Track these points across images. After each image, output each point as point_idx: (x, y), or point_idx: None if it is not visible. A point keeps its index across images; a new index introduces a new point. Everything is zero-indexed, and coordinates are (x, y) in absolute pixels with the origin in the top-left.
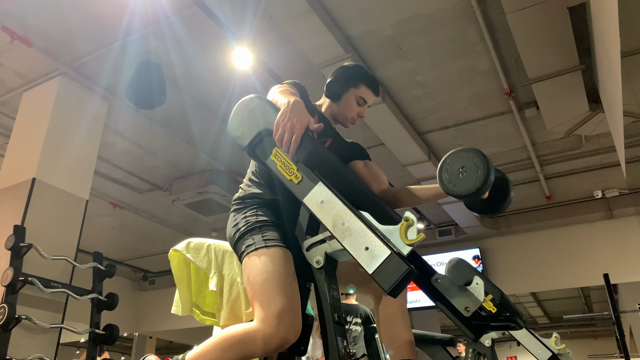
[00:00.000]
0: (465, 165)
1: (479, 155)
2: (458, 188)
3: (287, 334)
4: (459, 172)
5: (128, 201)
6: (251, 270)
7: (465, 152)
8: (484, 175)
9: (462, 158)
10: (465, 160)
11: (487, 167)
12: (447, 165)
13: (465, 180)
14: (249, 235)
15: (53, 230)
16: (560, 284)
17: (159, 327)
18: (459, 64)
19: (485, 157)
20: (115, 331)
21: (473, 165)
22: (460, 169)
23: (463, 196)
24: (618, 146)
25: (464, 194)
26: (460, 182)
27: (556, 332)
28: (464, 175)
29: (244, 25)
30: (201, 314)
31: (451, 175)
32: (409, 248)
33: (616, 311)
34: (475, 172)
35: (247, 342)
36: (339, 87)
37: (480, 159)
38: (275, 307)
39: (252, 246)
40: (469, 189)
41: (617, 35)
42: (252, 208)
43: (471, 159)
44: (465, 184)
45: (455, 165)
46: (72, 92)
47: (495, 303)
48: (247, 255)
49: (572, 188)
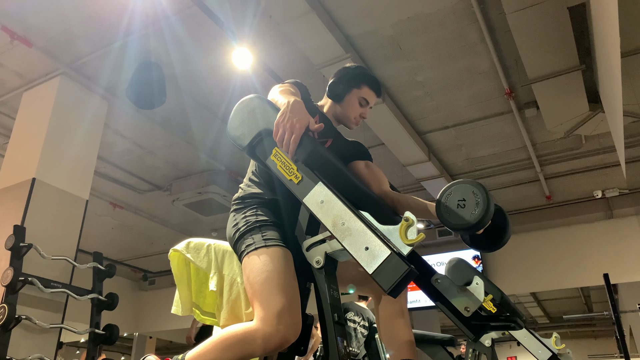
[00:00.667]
0: (466, 199)
1: (482, 192)
2: (452, 220)
3: (287, 333)
4: (457, 203)
5: (128, 201)
6: (251, 269)
7: (470, 186)
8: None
9: (465, 190)
10: (467, 194)
11: (486, 206)
12: (448, 194)
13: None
14: (249, 235)
15: (53, 230)
16: (560, 284)
17: (159, 327)
18: (459, 64)
19: (487, 196)
20: (115, 331)
21: (473, 201)
22: (459, 200)
23: (454, 228)
24: (618, 146)
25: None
26: (455, 215)
27: (556, 332)
28: (462, 208)
29: (244, 25)
30: (201, 314)
31: (449, 205)
32: (409, 248)
33: (616, 311)
34: (473, 208)
35: (247, 342)
36: (341, 87)
37: (482, 196)
38: (275, 306)
39: (252, 246)
40: (462, 223)
41: (617, 35)
42: (252, 208)
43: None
44: (460, 217)
45: (456, 196)
46: (72, 92)
47: (495, 303)
48: (247, 254)
49: (572, 188)
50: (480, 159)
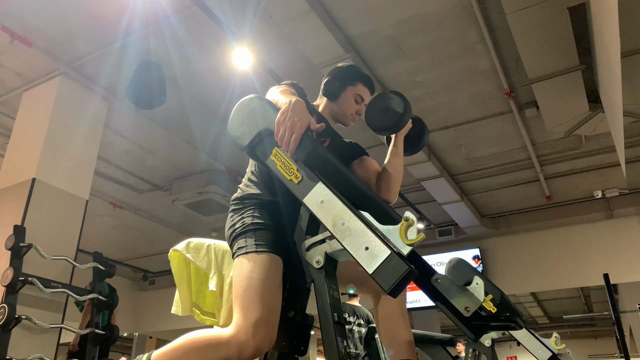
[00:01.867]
0: (389, 105)
1: (402, 99)
2: (377, 122)
3: (261, 343)
4: (381, 109)
5: (128, 201)
6: (238, 273)
7: (389, 94)
8: (397, 116)
9: (386, 99)
10: (388, 101)
11: (404, 108)
12: (373, 102)
13: (384, 116)
14: (243, 237)
15: (53, 230)
16: (560, 284)
17: (159, 327)
18: (459, 64)
19: (405, 101)
20: (115, 331)
21: (394, 104)
22: (383, 108)
23: (378, 129)
24: (618, 146)
25: (380, 128)
26: (380, 118)
27: (556, 332)
28: (386, 112)
29: (244, 25)
30: (201, 314)
31: (375, 111)
32: (409, 248)
33: (616, 311)
34: (396, 109)
35: (219, 348)
36: (336, 86)
37: (402, 103)
38: (253, 316)
39: (243, 249)
40: (383, 124)
41: (617, 35)
42: (249, 209)
43: (393, 99)
44: (384, 119)
45: (380, 104)
46: (72, 92)
47: (495, 303)
48: (237, 257)
49: (572, 188)
50: (480, 159)
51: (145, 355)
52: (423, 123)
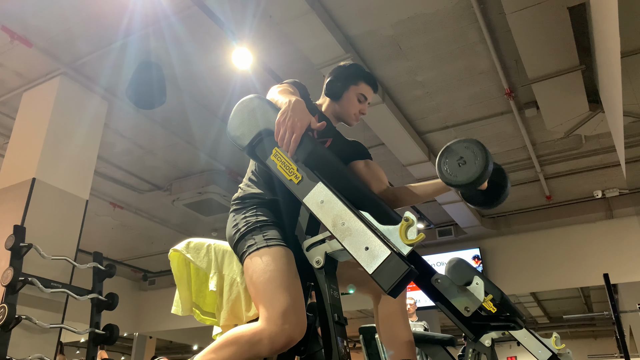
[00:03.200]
0: (464, 156)
1: (477, 144)
2: (459, 178)
3: (293, 332)
4: (458, 162)
5: (128, 201)
6: (254, 270)
7: (463, 143)
8: (483, 163)
9: (461, 149)
10: (463, 151)
11: (486, 156)
12: (446, 157)
13: (465, 169)
14: (250, 236)
15: (53, 230)
16: (560, 284)
17: (159, 327)
18: (459, 64)
19: (483, 146)
20: (115, 331)
21: (471, 155)
22: (459, 159)
23: (464, 185)
24: (618, 146)
25: (465, 183)
26: (460, 172)
27: (556, 332)
28: (463, 165)
29: (244, 25)
30: (201, 314)
31: (451, 166)
32: (409, 248)
33: (616, 311)
34: (475, 161)
35: (253, 342)
36: (339, 85)
37: (478, 148)
38: (279, 306)
39: (254, 246)
40: (470, 177)
41: (617, 35)
42: (251, 208)
43: (469, 149)
44: (466, 173)
45: (454, 156)
46: (72, 92)
47: (495, 303)
48: (248, 255)
49: (572, 188)
50: None
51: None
52: (504, 174)
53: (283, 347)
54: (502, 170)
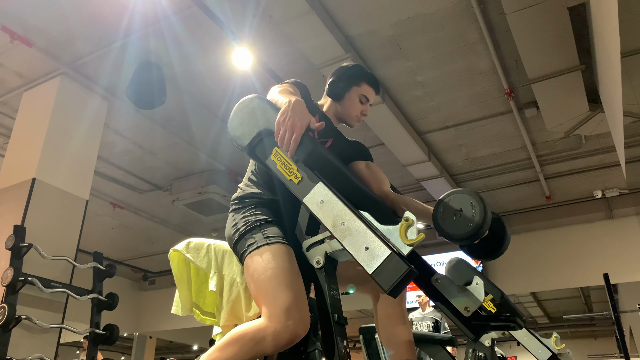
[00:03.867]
0: (463, 209)
1: (478, 201)
2: (449, 229)
3: (296, 328)
4: (454, 213)
5: (128, 201)
6: (255, 268)
7: (466, 196)
8: (477, 224)
9: (462, 200)
10: (463, 203)
11: (483, 216)
12: (446, 203)
13: (458, 223)
14: (250, 235)
15: (53, 230)
16: (560, 284)
17: (159, 327)
18: (459, 64)
19: (484, 205)
20: (115, 331)
21: (470, 211)
22: (456, 210)
23: (450, 238)
24: (618, 146)
25: (452, 237)
26: (452, 224)
27: (556, 332)
28: (458, 218)
29: (244, 25)
30: (201, 314)
31: (446, 214)
32: (409, 248)
33: (616, 311)
34: (470, 219)
35: (257, 340)
36: (341, 86)
37: (478, 206)
38: (282, 302)
39: (254, 245)
40: (458, 233)
41: (617, 35)
42: (251, 208)
43: (470, 203)
44: (457, 227)
45: (453, 205)
46: (72, 92)
47: (495, 303)
48: (249, 254)
49: (572, 188)
50: (480, 159)
51: None
52: (503, 226)
53: (287, 344)
54: (501, 220)
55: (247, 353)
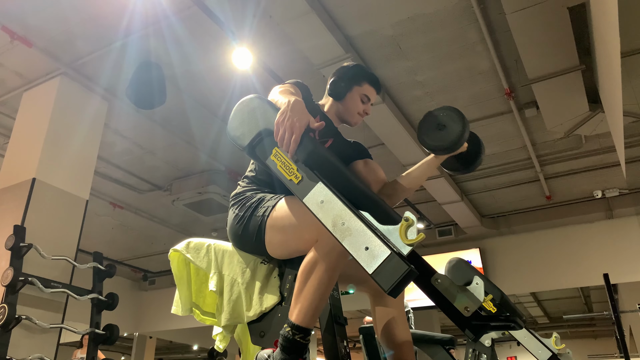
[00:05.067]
0: (443, 122)
1: (455, 111)
2: (431, 141)
3: None
4: (437, 126)
5: (128, 201)
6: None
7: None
8: (461, 127)
9: (439, 116)
10: (441, 118)
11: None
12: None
13: (445, 134)
14: (256, 210)
15: (53, 230)
16: (560, 284)
17: (159, 327)
18: (459, 64)
19: (463, 118)
20: (115, 331)
21: (450, 120)
22: (438, 125)
23: (434, 149)
24: (618, 146)
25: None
26: (435, 136)
27: (556, 332)
28: (444, 130)
29: (244, 25)
30: (201, 314)
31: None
32: (409, 248)
33: (616, 311)
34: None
35: (324, 254)
36: (342, 86)
37: (455, 113)
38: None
39: (268, 209)
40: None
41: (617, 35)
42: (249, 196)
43: (447, 115)
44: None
45: (434, 122)
46: (72, 92)
47: (495, 303)
48: (267, 218)
49: (572, 188)
50: None
51: (285, 325)
52: (479, 140)
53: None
54: (477, 137)
55: (325, 270)
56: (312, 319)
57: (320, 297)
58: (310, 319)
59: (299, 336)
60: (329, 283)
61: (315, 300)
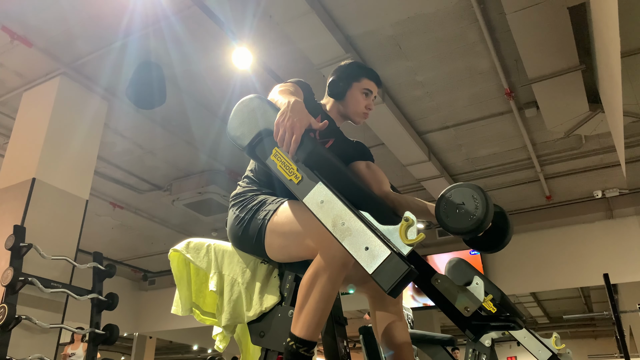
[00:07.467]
0: (466, 202)
1: (481, 195)
2: (451, 223)
3: None
4: (457, 207)
5: (128, 201)
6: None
7: (469, 189)
8: (480, 218)
9: (465, 194)
10: (466, 197)
11: (485, 211)
12: (447, 197)
13: (460, 217)
14: (257, 214)
15: (53, 230)
16: (560, 284)
17: (159, 327)
18: (459, 64)
19: (487, 199)
20: (115, 331)
21: (472, 205)
22: (459, 204)
23: (457, 232)
24: (618, 146)
25: (455, 231)
26: (455, 218)
27: (556, 332)
28: (461, 212)
29: (244, 25)
30: (201, 314)
31: (449, 208)
32: (409, 248)
33: (616, 311)
34: (472, 212)
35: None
36: (341, 85)
37: (481, 200)
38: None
39: (268, 214)
40: (461, 227)
41: (617, 35)
42: (250, 198)
43: (473, 197)
44: (460, 221)
45: (456, 199)
46: (72, 92)
47: (495, 303)
48: (268, 222)
49: (572, 188)
50: (480, 159)
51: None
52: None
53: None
54: (504, 212)
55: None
56: (316, 332)
57: (323, 310)
58: (313, 332)
59: (303, 349)
60: (331, 295)
61: (318, 313)
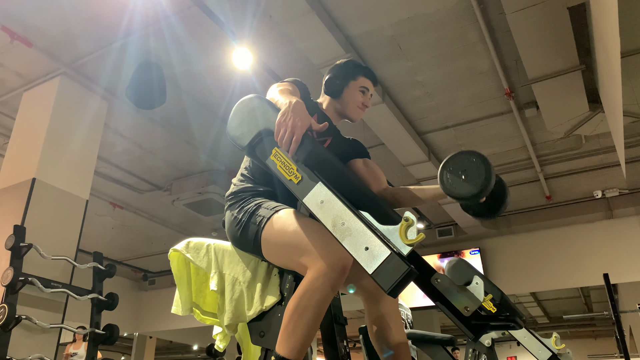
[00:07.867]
0: (467, 168)
1: (482, 159)
2: (459, 190)
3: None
4: (460, 174)
5: (128, 201)
6: (274, 235)
7: (468, 155)
8: (485, 179)
9: (465, 161)
10: (467, 163)
11: (489, 172)
12: (449, 167)
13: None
14: (254, 217)
15: (53, 230)
16: (560, 284)
17: (159, 327)
18: (459, 64)
19: (488, 161)
20: (115, 331)
21: (475, 169)
22: (462, 171)
23: (463, 198)
24: (618, 146)
25: (464, 197)
26: (461, 185)
27: (556, 332)
28: (466, 177)
29: (244, 25)
30: (201, 314)
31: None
32: (409, 248)
33: (616, 311)
34: (477, 176)
35: (315, 288)
36: (338, 83)
37: (482, 162)
38: (318, 243)
39: (264, 220)
40: (469, 191)
41: (617, 35)
42: (247, 198)
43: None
44: (466, 186)
45: (457, 167)
46: (72, 92)
47: (495, 303)
48: (263, 229)
49: (572, 188)
50: None
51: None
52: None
53: (341, 276)
54: (502, 182)
55: (316, 305)
56: (303, 352)
57: (310, 331)
58: (299, 352)
59: None
60: (319, 316)
61: (305, 334)
